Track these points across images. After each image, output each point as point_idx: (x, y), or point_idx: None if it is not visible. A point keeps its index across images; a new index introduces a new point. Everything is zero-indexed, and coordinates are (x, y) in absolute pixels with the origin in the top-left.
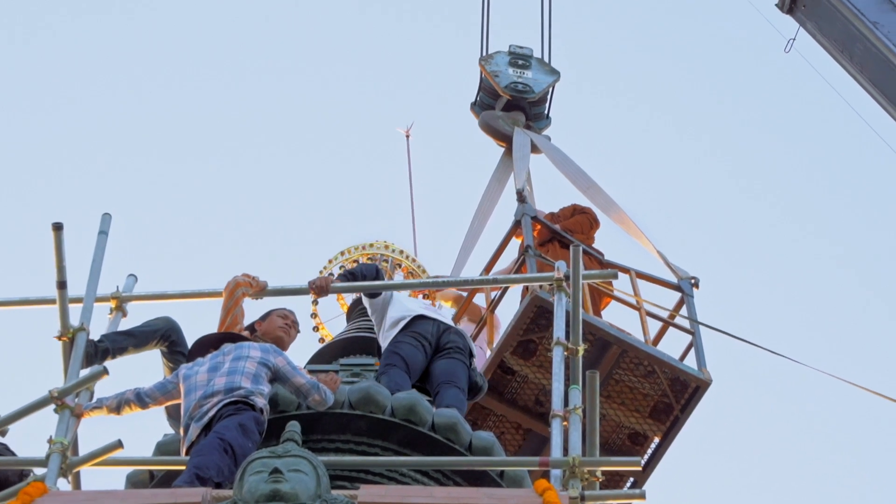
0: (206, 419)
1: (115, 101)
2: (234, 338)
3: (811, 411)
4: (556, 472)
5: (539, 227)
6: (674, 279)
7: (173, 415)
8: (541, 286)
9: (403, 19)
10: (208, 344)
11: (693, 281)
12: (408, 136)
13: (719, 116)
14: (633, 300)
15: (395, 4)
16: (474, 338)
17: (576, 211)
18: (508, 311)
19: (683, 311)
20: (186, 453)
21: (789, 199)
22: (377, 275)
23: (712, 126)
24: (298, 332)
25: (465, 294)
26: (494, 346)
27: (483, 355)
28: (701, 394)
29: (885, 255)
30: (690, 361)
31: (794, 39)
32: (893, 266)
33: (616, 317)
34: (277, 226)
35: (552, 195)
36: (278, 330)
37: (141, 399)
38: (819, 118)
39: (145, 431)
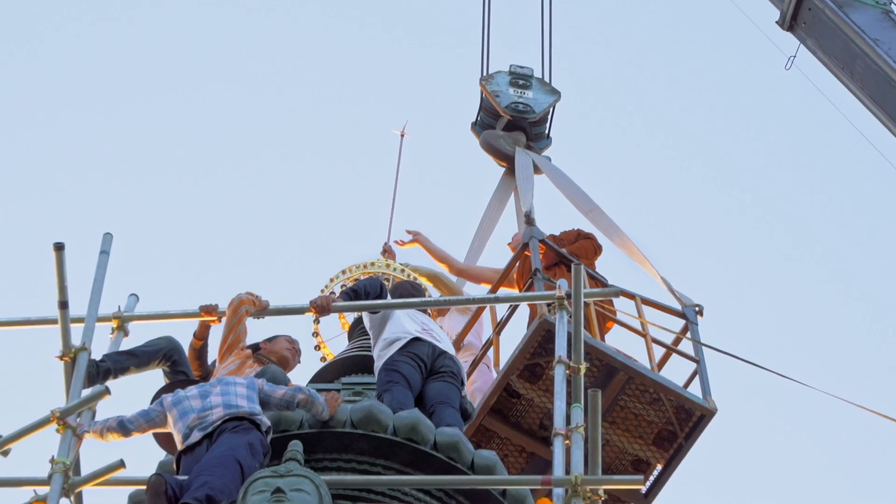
0: (210, 428)
1: (115, 121)
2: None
3: (818, 440)
4: (558, 491)
5: (544, 249)
6: (677, 306)
7: (164, 446)
8: (549, 309)
9: (405, 39)
10: (177, 388)
11: (697, 308)
12: (402, 136)
13: (720, 134)
14: (637, 325)
15: (396, 24)
16: (478, 360)
17: (580, 236)
18: (513, 333)
19: (688, 337)
20: (184, 452)
21: (790, 217)
22: (381, 290)
23: (713, 144)
24: (299, 362)
25: (440, 272)
26: (501, 368)
27: (489, 374)
28: (706, 422)
29: (889, 274)
30: (694, 390)
31: (794, 57)
32: None
33: (618, 342)
34: (279, 245)
35: (552, 217)
36: (285, 350)
37: (123, 427)
38: (820, 135)
39: (147, 451)
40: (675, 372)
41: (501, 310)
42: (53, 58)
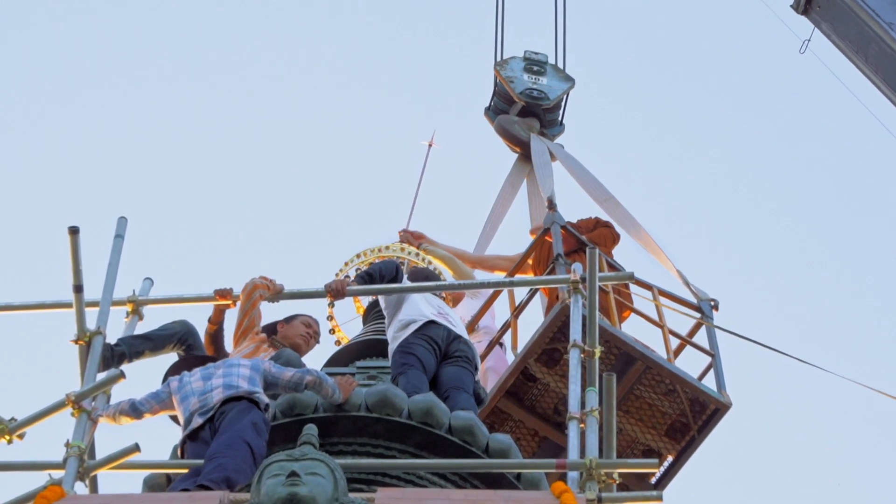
0: (210, 413)
1: (130, 105)
2: (212, 360)
3: (834, 434)
4: (573, 475)
5: (565, 235)
6: (693, 300)
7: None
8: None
9: (417, 24)
10: (188, 365)
11: (713, 303)
12: (430, 146)
13: (734, 119)
14: (654, 315)
15: (408, 9)
16: (495, 342)
17: (598, 224)
18: (529, 318)
19: (703, 331)
20: (191, 438)
21: (804, 203)
22: (397, 272)
23: (727, 130)
24: (318, 342)
25: (455, 256)
26: (519, 352)
27: (501, 355)
28: (720, 416)
29: None
30: (709, 383)
31: (809, 40)
32: None
33: (634, 332)
34: (293, 229)
35: (565, 205)
36: (298, 337)
37: (135, 409)
38: (834, 119)
39: (162, 435)
40: (690, 365)
41: (520, 293)
42: (67, 43)
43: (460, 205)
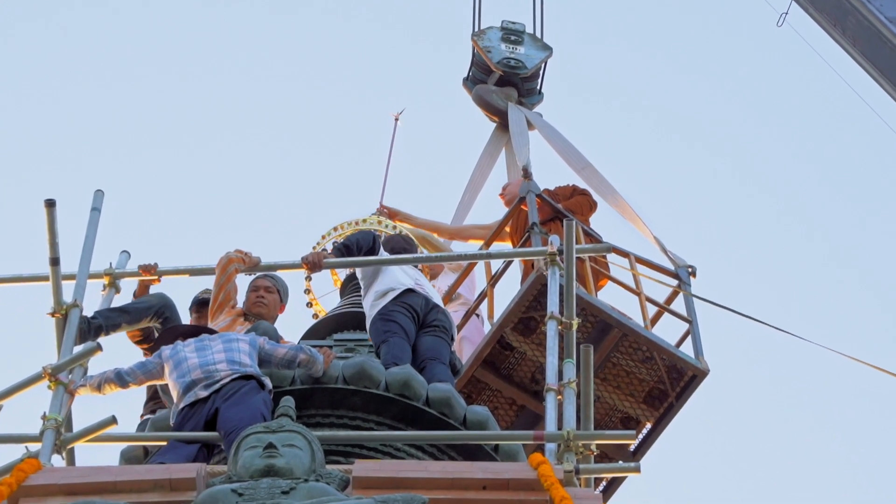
0: (217, 385)
1: (107, 79)
2: (205, 331)
3: (812, 400)
4: (550, 446)
5: (540, 203)
6: (671, 266)
7: (168, 392)
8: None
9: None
10: (177, 335)
11: (690, 269)
12: (397, 120)
13: (710, 92)
14: (631, 282)
15: None
16: (471, 311)
17: (575, 192)
18: (506, 286)
19: (680, 298)
20: (190, 407)
21: (781, 176)
22: (374, 243)
23: (703, 102)
24: (272, 292)
25: (429, 234)
26: (495, 320)
27: (477, 323)
28: (697, 383)
29: (881, 232)
30: (687, 350)
31: (786, 13)
32: (890, 246)
33: (611, 300)
34: (270, 201)
35: (544, 173)
36: (253, 306)
37: (121, 378)
38: (811, 91)
39: (139, 408)
40: (668, 333)
41: (496, 262)
42: (44, 20)
43: (438, 176)
